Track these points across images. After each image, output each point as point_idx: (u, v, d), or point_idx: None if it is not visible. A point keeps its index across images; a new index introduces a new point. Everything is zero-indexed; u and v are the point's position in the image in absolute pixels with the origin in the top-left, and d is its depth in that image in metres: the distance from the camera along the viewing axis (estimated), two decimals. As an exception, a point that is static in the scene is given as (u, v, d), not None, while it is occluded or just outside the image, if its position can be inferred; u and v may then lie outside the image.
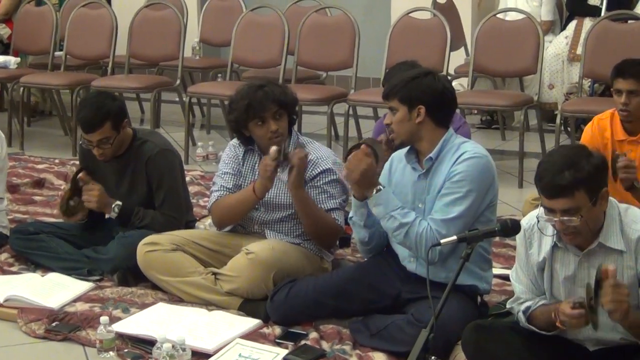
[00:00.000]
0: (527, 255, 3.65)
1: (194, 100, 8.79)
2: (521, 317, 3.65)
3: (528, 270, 3.66)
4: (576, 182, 3.31)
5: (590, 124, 5.39)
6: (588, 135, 5.28)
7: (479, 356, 3.63)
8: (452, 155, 4.14)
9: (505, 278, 4.75)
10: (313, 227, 4.62)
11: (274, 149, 4.48)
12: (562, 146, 4.25)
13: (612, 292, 3.19)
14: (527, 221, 3.61)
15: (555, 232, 3.50)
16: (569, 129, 7.82)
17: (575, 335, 3.59)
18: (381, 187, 4.10)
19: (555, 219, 3.36)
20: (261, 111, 4.58)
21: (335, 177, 4.64)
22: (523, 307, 3.65)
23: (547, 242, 3.57)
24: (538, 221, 3.50)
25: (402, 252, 4.29)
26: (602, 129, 5.22)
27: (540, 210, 3.44)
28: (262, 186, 4.55)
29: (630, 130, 5.18)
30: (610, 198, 3.51)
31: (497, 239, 5.00)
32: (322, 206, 4.62)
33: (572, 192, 3.32)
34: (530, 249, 3.63)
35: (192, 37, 9.05)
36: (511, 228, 3.55)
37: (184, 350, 4.00)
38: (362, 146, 4.13)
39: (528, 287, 3.67)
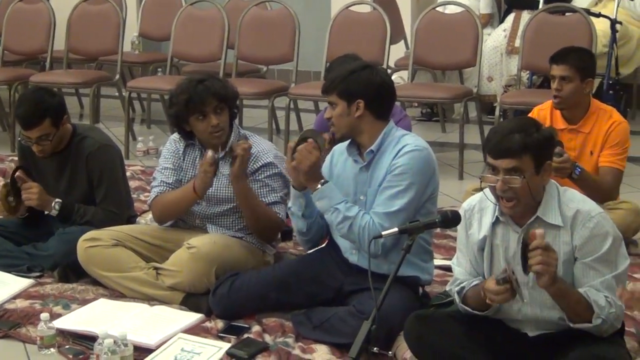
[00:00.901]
0: (467, 237, 3.70)
1: (134, 95, 8.74)
2: (456, 298, 3.70)
3: (468, 252, 3.71)
4: (524, 145, 3.40)
5: (530, 113, 5.46)
6: None
7: (420, 346, 3.67)
8: (393, 148, 4.16)
9: (447, 269, 4.80)
10: (254, 220, 4.62)
11: (209, 154, 4.47)
12: (514, 117, 4.32)
13: (541, 254, 3.26)
14: (467, 202, 3.67)
15: (497, 206, 3.55)
16: (508, 120, 7.89)
17: (514, 316, 3.63)
18: (325, 181, 4.11)
19: (498, 177, 3.42)
20: (202, 105, 4.56)
21: (276, 171, 4.64)
22: (458, 287, 3.70)
23: (487, 220, 3.62)
24: (481, 181, 3.54)
25: (343, 244, 4.31)
26: (542, 118, 5.29)
27: (484, 169, 3.50)
28: (202, 184, 4.54)
29: (570, 119, 5.25)
30: (550, 179, 3.57)
31: (438, 230, 5.03)
32: (264, 200, 4.62)
33: (520, 155, 3.40)
34: (470, 229, 3.69)
35: (132, 31, 8.99)
36: (451, 219, 3.58)
37: (125, 345, 3.97)
38: (309, 140, 4.14)
39: (467, 270, 3.72)
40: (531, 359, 3.55)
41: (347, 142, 4.28)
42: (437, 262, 4.74)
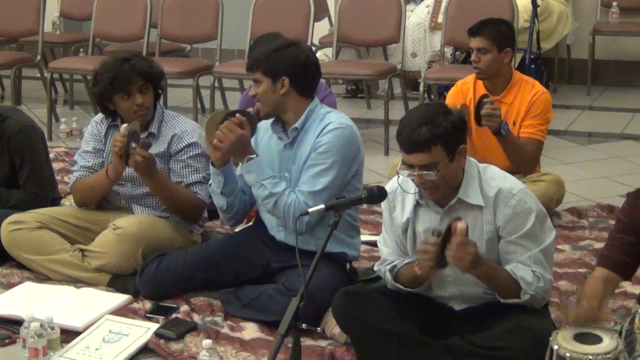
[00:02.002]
0: (391, 219, 3.73)
1: (56, 75, 8.61)
2: (388, 277, 3.72)
3: (393, 233, 3.74)
4: (433, 138, 3.41)
5: (454, 87, 5.51)
6: (452, 98, 5.40)
7: (349, 321, 3.69)
8: (317, 125, 4.17)
9: (374, 244, 4.82)
10: (173, 205, 4.62)
11: (124, 126, 4.43)
12: (423, 104, 4.35)
13: (457, 249, 3.32)
14: (390, 185, 3.68)
15: (417, 190, 3.58)
16: (432, 96, 7.96)
17: (441, 293, 3.68)
18: (254, 156, 4.10)
19: (414, 173, 3.45)
20: (127, 84, 4.52)
21: (200, 151, 4.62)
22: (389, 266, 3.72)
23: (410, 202, 3.65)
24: (399, 176, 3.56)
25: (270, 221, 4.31)
26: (464, 91, 5.37)
27: (400, 165, 3.52)
28: (114, 169, 4.51)
29: (492, 90, 5.30)
30: (470, 157, 3.61)
31: (364, 206, 5.06)
32: (185, 180, 4.60)
33: (429, 147, 3.41)
34: (394, 211, 3.71)
35: (52, 11, 8.87)
36: (377, 195, 3.59)
37: (52, 328, 3.94)
38: (237, 115, 4.11)
39: (394, 250, 3.75)
40: (458, 331, 3.59)
41: (272, 119, 4.27)
42: (364, 237, 4.77)
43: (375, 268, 3.87)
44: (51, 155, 5.56)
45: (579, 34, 8.86)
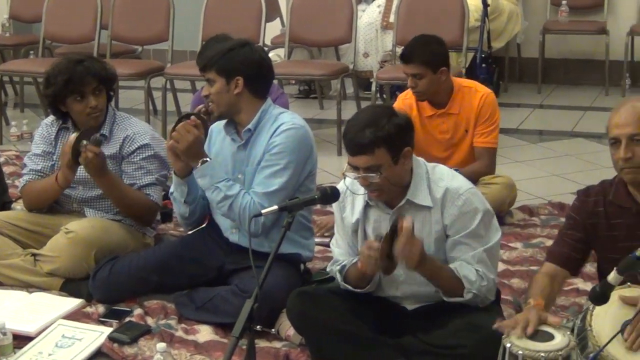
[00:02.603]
0: (342, 219, 3.74)
1: (6, 78, 8.54)
2: (338, 277, 3.74)
3: (345, 234, 3.75)
4: (376, 140, 3.42)
5: (396, 102, 5.50)
6: None
7: (303, 322, 3.70)
8: (270, 126, 4.17)
9: (328, 245, 4.82)
10: (125, 208, 4.58)
11: (73, 136, 4.41)
12: (370, 105, 4.36)
13: (404, 247, 3.35)
14: (340, 186, 3.69)
15: (366, 191, 3.59)
16: (384, 96, 7.98)
17: (393, 293, 3.70)
18: (207, 159, 4.09)
19: (359, 175, 3.46)
20: (81, 86, 4.49)
21: (152, 153, 4.60)
22: (339, 267, 3.74)
23: (359, 203, 3.67)
24: (345, 177, 3.58)
25: (224, 224, 4.30)
26: (407, 107, 5.32)
27: (346, 167, 3.53)
28: (63, 176, 4.48)
29: (436, 104, 5.31)
30: (419, 158, 3.63)
31: (318, 206, 5.06)
32: (138, 182, 4.57)
33: (372, 150, 3.43)
34: (344, 212, 3.73)
35: (2, 13, 8.79)
36: (331, 195, 3.60)
37: (4, 334, 3.89)
38: (192, 117, 4.11)
39: (345, 250, 3.76)
40: (411, 330, 3.61)
41: (225, 120, 4.27)
42: (318, 238, 4.77)
43: (328, 269, 3.88)
44: (1, 159, 5.51)
45: (529, 32, 8.93)
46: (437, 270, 3.51)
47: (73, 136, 4.40)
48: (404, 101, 5.41)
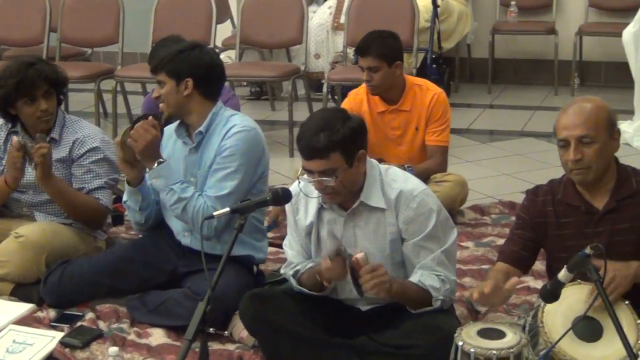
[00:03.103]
0: (295, 221, 3.74)
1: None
2: (292, 281, 3.74)
3: (298, 236, 3.75)
4: (331, 145, 3.43)
5: (347, 98, 5.53)
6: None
7: (256, 324, 3.69)
8: (221, 128, 4.16)
9: (280, 246, 4.83)
10: (73, 212, 4.54)
11: (15, 139, 4.37)
12: (323, 109, 4.37)
13: (370, 277, 3.35)
14: (293, 188, 3.69)
15: (319, 193, 3.60)
16: (336, 97, 7.99)
17: (347, 295, 3.70)
18: (162, 160, 4.08)
19: (314, 179, 3.47)
20: (32, 89, 4.45)
21: (102, 156, 4.56)
22: (292, 271, 3.74)
23: (313, 206, 3.67)
24: (299, 182, 3.58)
25: (176, 226, 4.29)
26: (358, 102, 5.37)
27: (301, 170, 3.54)
28: (12, 178, 4.44)
29: (388, 100, 5.34)
30: (372, 160, 3.64)
31: (270, 208, 5.06)
32: (87, 186, 4.53)
33: (327, 154, 3.43)
34: (297, 214, 3.73)
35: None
36: (282, 196, 3.60)
37: (-46, 341, 3.87)
38: (150, 117, 4.08)
39: (299, 252, 3.77)
40: (365, 331, 3.62)
41: (176, 123, 4.25)
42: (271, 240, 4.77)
43: (282, 271, 3.87)
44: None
45: (479, 33, 8.99)
46: (403, 291, 3.51)
47: (17, 138, 4.37)
48: (356, 96, 5.44)
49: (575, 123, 3.37)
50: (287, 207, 3.75)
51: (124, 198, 4.31)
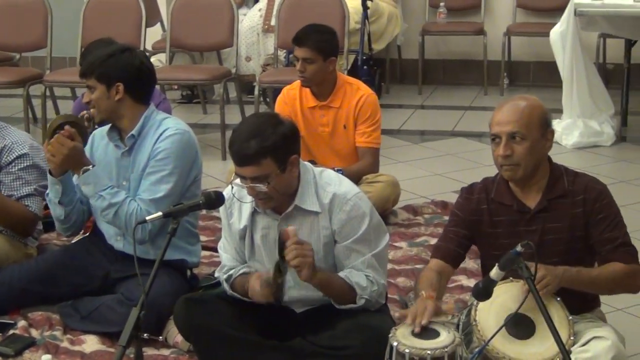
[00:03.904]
0: (229, 225, 3.73)
1: None
2: (225, 285, 3.73)
3: (232, 239, 3.74)
4: (262, 151, 3.41)
5: (280, 95, 5.54)
6: (279, 107, 5.45)
7: (190, 329, 3.68)
8: (154, 132, 4.14)
9: (214, 250, 4.82)
10: (2, 220, 4.48)
11: None
12: (254, 114, 4.35)
13: (295, 248, 3.34)
14: (227, 192, 3.67)
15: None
16: (267, 99, 7.99)
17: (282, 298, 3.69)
18: (89, 167, 4.04)
19: (246, 185, 3.46)
20: None
21: (31, 163, 4.51)
22: (226, 275, 3.73)
23: (247, 209, 3.66)
24: (232, 187, 3.57)
25: (108, 231, 4.26)
26: (291, 98, 5.41)
27: (233, 176, 3.52)
28: None
29: (319, 95, 5.38)
30: (306, 163, 3.64)
31: (203, 211, 5.04)
32: (16, 193, 4.48)
33: (259, 161, 3.41)
34: (231, 218, 3.72)
35: None
36: (215, 200, 3.59)
37: None
38: (66, 127, 4.04)
39: (233, 256, 3.76)
40: (300, 333, 3.63)
41: (108, 126, 4.22)
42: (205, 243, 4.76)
43: (216, 274, 3.86)
44: None
45: (409, 34, 9.05)
46: (328, 280, 3.52)
47: None
48: (288, 92, 5.48)
49: (507, 119, 3.41)
50: (221, 210, 3.73)
51: (47, 191, 4.25)
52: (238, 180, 3.53)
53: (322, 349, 3.52)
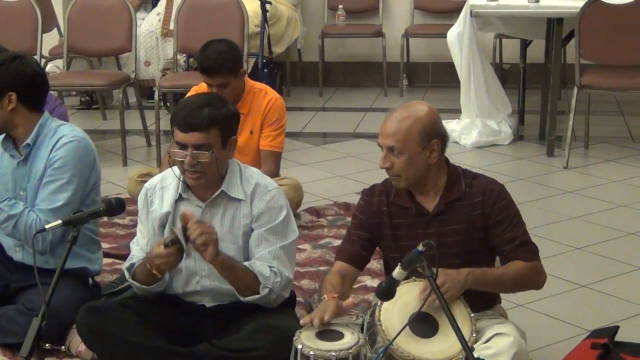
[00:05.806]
0: (147, 214, 3.72)
1: None
2: (127, 274, 3.72)
3: (148, 231, 3.73)
4: (213, 119, 3.51)
5: (189, 93, 5.48)
6: None
7: (94, 337, 3.63)
8: (50, 140, 4.07)
9: (116, 257, 4.78)
10: None
11: None
12: (201, 93, 4.41)
13: (199, 227, 3.38)
14: (149, 182, 3.73)
15: (179, 183, 3.62)
16: (168, 104, 7.94)
17: (192, 288, 3.70)
18: None
19: (187, 153, 3.48)
20: None
21: None
22: (129, 264, 3.72)
23: (170, 196, 3.67)
24: (169, 156, 3.59)
25: (6, 242, 4.18)
26: None
27: (172, 145, 3.54)
28: None
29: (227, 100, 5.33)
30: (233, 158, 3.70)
31: (105, 219, 4.99)
32: None
33: (208, 129, 3.50)
34: (152, 206, 3.72)
35: None
36: (116, 206, 3.56)
37: None
38: None
39: (143, 248, 3.73)
40: (209, 331, 3.63)
41: (2, 136, 4.14)
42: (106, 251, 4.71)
43: (123, 267, 3.82)
44: None
45: (308, 37, 9.09)
46: (231, 264, 3.54)
47: None
48: (197, 92, 5.40)
49: (387, 133, 3.46)
50: (140, 200, 3.73)
51: None
52: (177, 150, 3.52)
53: (228, 352, 3.52)
